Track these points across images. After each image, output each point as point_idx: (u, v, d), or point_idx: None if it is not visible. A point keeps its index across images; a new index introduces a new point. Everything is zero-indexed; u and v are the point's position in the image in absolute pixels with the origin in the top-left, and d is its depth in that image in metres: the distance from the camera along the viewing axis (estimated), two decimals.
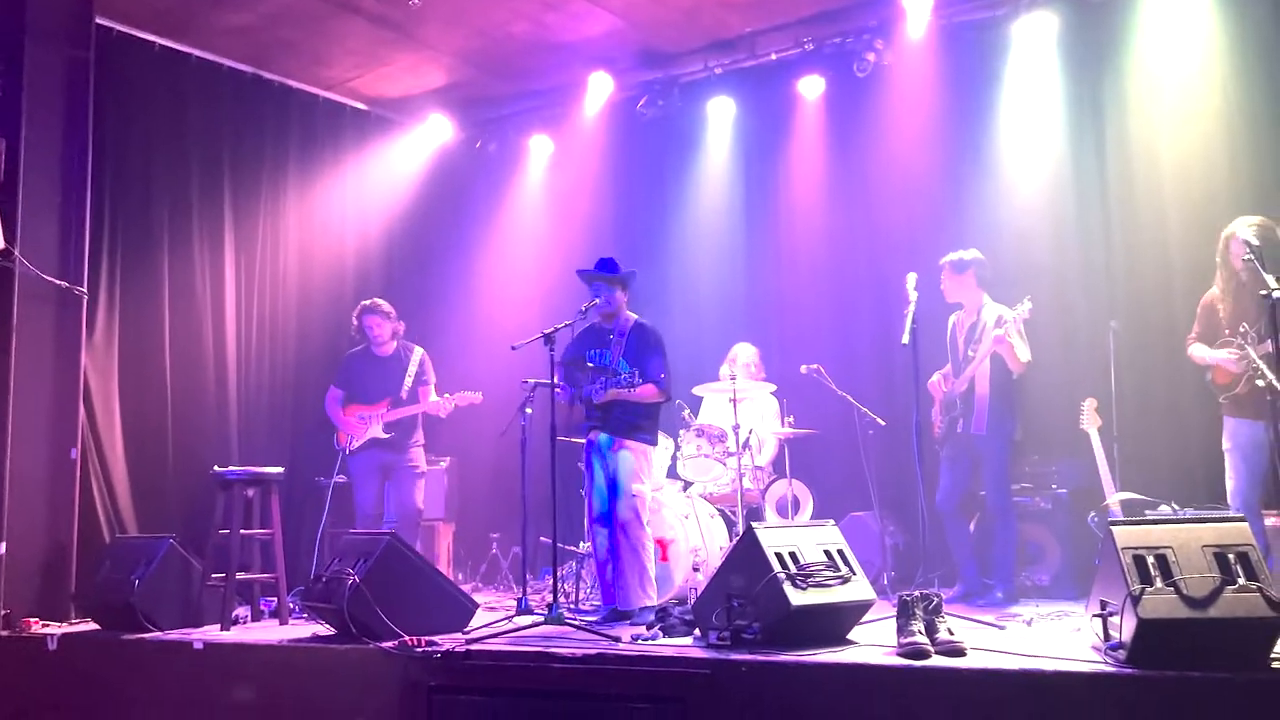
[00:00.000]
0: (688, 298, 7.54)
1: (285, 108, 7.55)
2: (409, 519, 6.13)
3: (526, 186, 8.31)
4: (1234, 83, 5.68)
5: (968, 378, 5.50)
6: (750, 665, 3.65)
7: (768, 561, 3.95)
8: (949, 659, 3.53)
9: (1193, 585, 3.22)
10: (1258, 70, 5.61)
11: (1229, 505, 4.70)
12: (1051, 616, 4.64)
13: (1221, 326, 4.75)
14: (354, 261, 7.87)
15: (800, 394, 6.54)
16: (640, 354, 5.12)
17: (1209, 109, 5.75)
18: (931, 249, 5.91)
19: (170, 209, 6.80)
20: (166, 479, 6.52)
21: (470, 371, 7.23)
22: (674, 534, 5.71)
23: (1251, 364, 4.40)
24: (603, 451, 5.14)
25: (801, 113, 7.23)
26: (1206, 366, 4.84)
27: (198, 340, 6.85)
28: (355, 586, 4.41)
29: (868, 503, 6.18)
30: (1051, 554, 5.82)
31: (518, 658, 4.05)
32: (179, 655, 4.69)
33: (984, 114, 6.54)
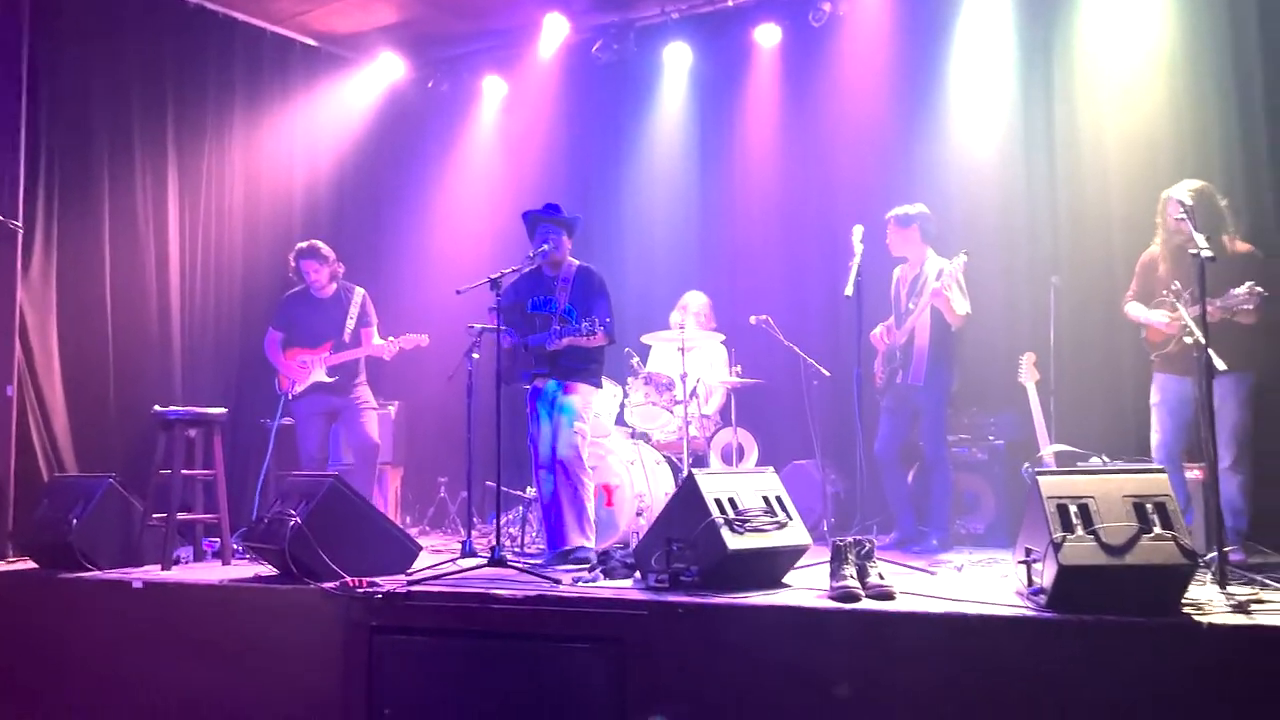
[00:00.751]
0: (640, 245, 7.54)
1: (230, 41, 7.34)
2: (368, 455, 6.07)
3: (479, 128, 8.21)
4: (1181, 47, 5.74)
5: (908, 330, 5.58)
6: (686, 606, 3.72)
7: (707, 507, 4.02)
8: (878, 602, 3.63)
9: (1111, 533, 3.32)
10: (1203, 35, 5.67)
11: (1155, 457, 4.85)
12: (982, 563, 4.78)
13: (1159, 285, 4.86)
14: (302, 200, 7.74)
15: (749, 344, 6.60)
16: (586, 298, 5.11)
17: (1156, 71, 5.81)
18: (880, 202, 5.95)
19: (110, 143, 6.61)
20: (108, 418, 6.42)
21: (421, 313, 7.19)
22: (619, 480, 5.77)
23: (1182, 322, 4.51)
24: (549, 397, 5.15)
25: (757, 61, 7.20)
26: (1141, 324, 4.96)
27: (140, 277, 6.72)
28: (297, 527, 4.41)
29: (811, 451, 6.28)
30: (987, 503, 5.97)
31: (459, 599, 4.10)
32: (118, 594, 4.67)
33: (936, 68, 6.57)
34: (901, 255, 5.75)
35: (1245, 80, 5.43)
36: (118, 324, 6.54)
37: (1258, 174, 5.32)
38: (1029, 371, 5.66)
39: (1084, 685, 3.19)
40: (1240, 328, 4.54)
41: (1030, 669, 3.26)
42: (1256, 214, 5.20)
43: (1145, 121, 5.75)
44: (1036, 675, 3.24)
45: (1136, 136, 5.78)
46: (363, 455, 6.07)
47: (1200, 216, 4.40)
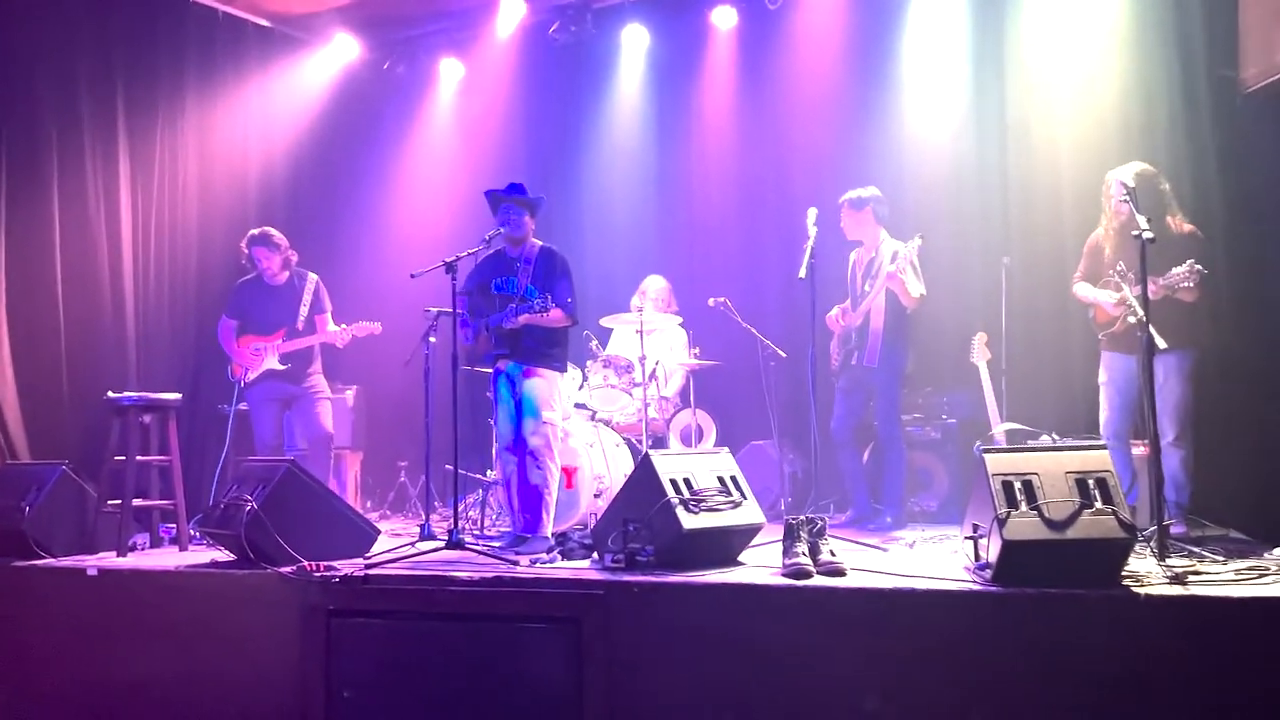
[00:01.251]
0: (599, 227, 7.55)
1: (181, 22, 7.23)
2: (320, 445, 6.05)
3: (436, 110, 8.15)
4: (1128, 30, 5.81)
5: (863, 311, 5.66)
6: (641, 586, 3.77)
7: (662, 487, 4.08)
8: (829, 579, 3.71)
9: (1054, 509, 3.41)
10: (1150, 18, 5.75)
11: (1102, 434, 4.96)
12: (934, 539, 4.88)
13: (1105, 267, 4.96)
14: (257, 183, 7.65)
15: (707, 326, 6.65)
16: (548, 278, 5.10)
17: (1105, 54, 5.88)
18: (835, 185, 6.00)
19: (59, 126, 6.49)
20: (61, 405, 6.34)
21: (378, 297, 7.15)
22: (579, 462, 5.80)
23: (1127, 302, 4.61)
24: (512, 379, 5.14)
25: (714, 43, 7.22)
26: (1089, 305, 5.06)
27: (92, 262, 6.62)
28: (253, 513, 4.40)
29: (769, 432, 6.34)
30: (940, 481, 6.08)
31: (417, 581, 4.12)
32: (72, 582, 4.64)
33: (890, 52, 6.63)
34: (856, 238, 5.81)
35: (1189, 62, 5.53)
36: (70, 310, 6.45)
37: (1203, 155, 5.42)
38: (981, 351, 5.76)
39: (1028, 656, 3.29)
40: (1182, 306, 4.64)
41: (976, 641, 3.35)
42: (1201, 195, 5.31)
43: (1094, 104, 5.84)
44: (982, 647, 3.33)
45: (1086, 119, 5.86)
46: (315, 445, 6.05)
47: (1143, 198, 4.50)
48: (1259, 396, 5.02)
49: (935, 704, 3.34)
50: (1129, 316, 4.59)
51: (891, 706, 3.38)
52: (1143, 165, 4.86)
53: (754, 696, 3.53)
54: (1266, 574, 3.55)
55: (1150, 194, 4.67)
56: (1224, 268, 5.07)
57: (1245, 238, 5.18)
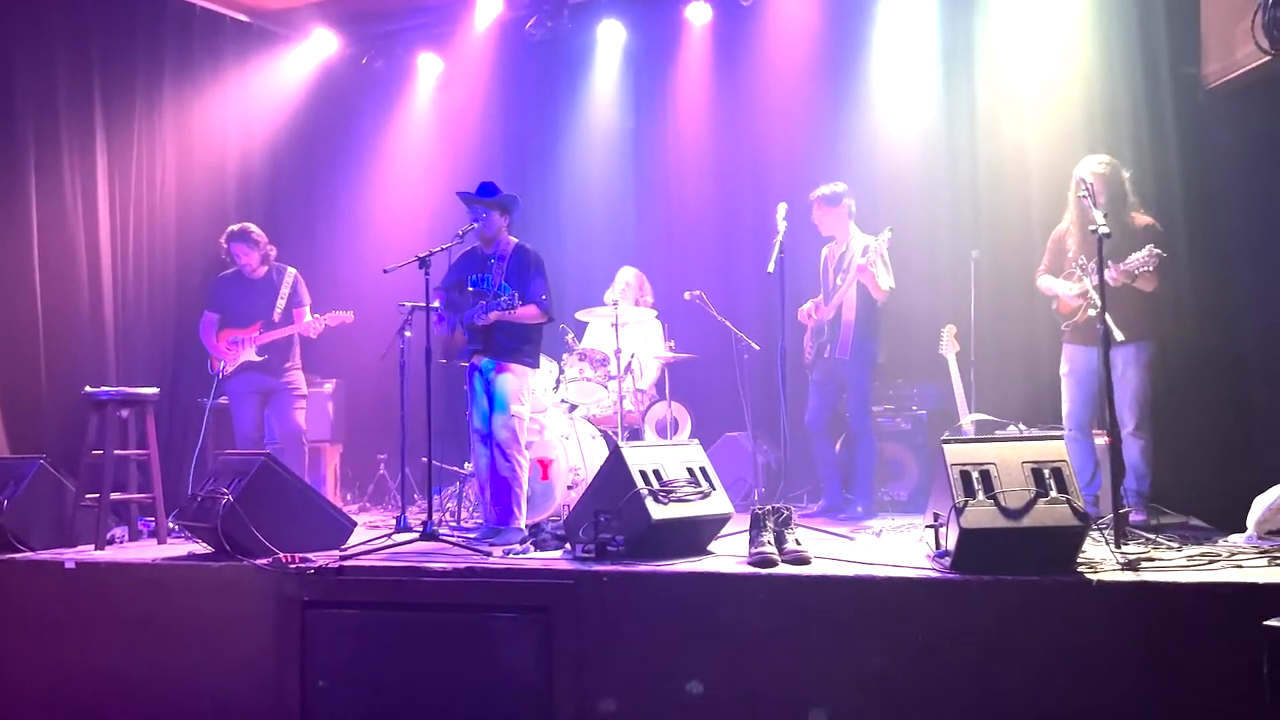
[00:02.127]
0: (576, 221, 7.61)
1: (159, 17, 7.22)
2: (293, 441, 6.13)
3: (414, 105, 8.18)
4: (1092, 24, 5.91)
5: (835, 305, 5.74)
6: (611, 575, 3.85)
7: (632, 479, 4.15)
8: (794, 567, 3.79)
9: (1010, 498, 3.51)
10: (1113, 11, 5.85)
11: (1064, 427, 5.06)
12: (901, 529, 4.97)
13: (1068, 260, 5.05)
14: (236, 178, 7.66)
15: (683, 319, 6.73)
16: (521, 276, 5.18)
17: (1070, 48, 5.97)
18: (807, 180, 6.08)
19: (36, 122, 6.48)
20: (39, 400, 6.35)
21: (356, 291, 7.19)
22: (555, 454, 5.87)
23: (1087, 294, 4.71)
24: (485, 374, 5.21)
25: (688, 39, 7.28)
26: (1052, 297, 5.16)
27: (70, 257, 6.62)
28: (229, 505, 4.46)
29: (743, 424, 6.43)
30: (910, 471, 6.18)
31: (391, 572, 4.18)
32: (50, 575, 4.68)
33: (860, 49, 6.72)
34: (829, 234, 5.89)
35: (1152, 59, 5.62)
36: (48, 305, 6.46)
37: (1165, 150, 5.52)
38: (950, 343, 5.86)
39: (986, 642, 3.38)
40: (1142, 297, 4.74)
41: (935, 627, 3.43)
42: (1163, 189, 5.41)
43: (1060, 100, 5.93)
44: (940, 633, 3.42)
45: (1052, 114, 5.96)
46: (289, 442, 6.10)
47: (1105, 192, 4.59)
48: (1219, 386, 5.14)
49: (895, 688, 3.43)
50: (1089, 308, 4.68)
51: (854, 692, 3.47)
52: (1105, 158, 4.95)
53: (720, 683, 3.62)
54: (1217, 560, 3.65)
55: (1112, 187, 4.77)
56: (1184, 260, 5.18)
57: (1205, 231, 5.29)
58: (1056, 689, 3.29)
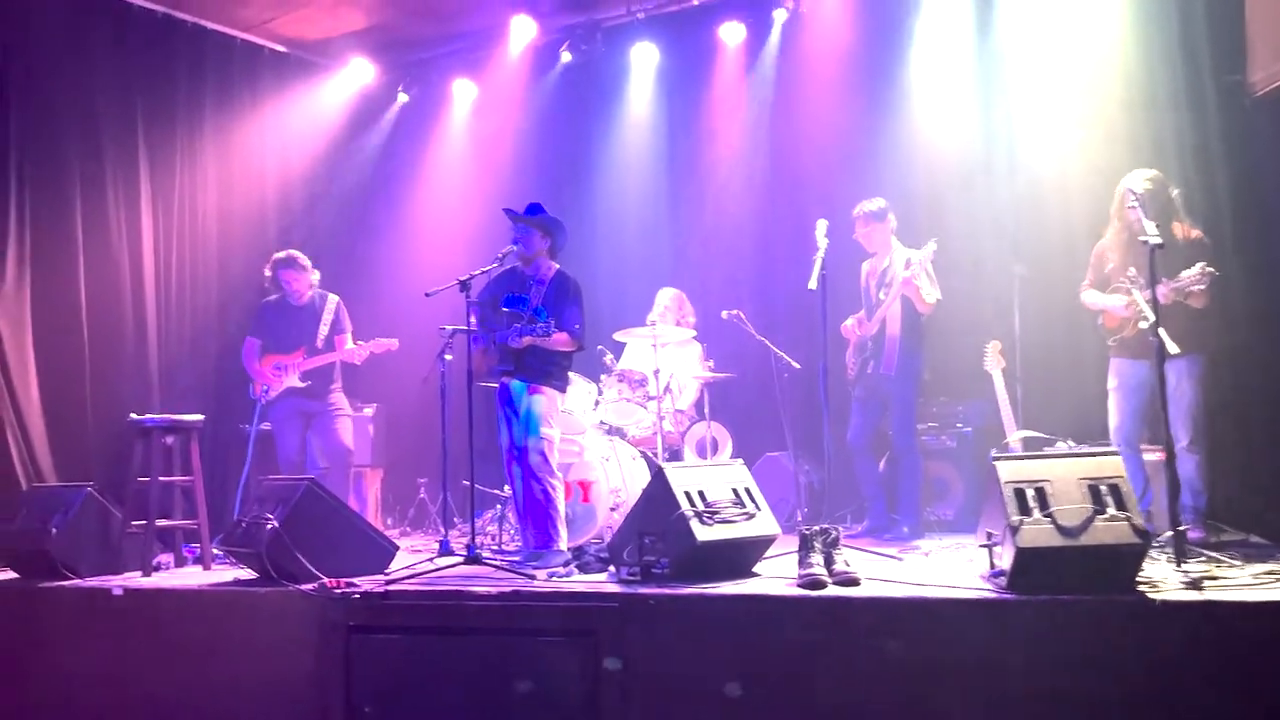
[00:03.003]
0: (612, 242, 7.60)
1: (200, 50, 7.37)
2: (340, 461, 6.14)
3: (450, 130, 8.25)
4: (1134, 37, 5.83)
5: (878, 320, 5.68)
6: (657, 598, 3.80)
7: (676, 500, 4.10)
8: (844, 589, 3.72)
9: (1066, 515, 3.42)
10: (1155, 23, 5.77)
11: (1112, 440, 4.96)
12: (950, 548, 4.88)
13: (1113, 274, 4.97)
14: (275, 206, 7.77)
15: (722, 338, 6.69)
16: (559, 302, 5.17)
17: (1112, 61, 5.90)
18: (846, 195, 6.04)
19: (81, 153, 6.62)
20: (85, 428, 6.45)
21: (396, 315, 7.23)
22: (595, 475, 5.84)
23: (1138, 308, 4.62)
24: (515, 397, 5.19)
25: (723, 59, 7.28)
26: (1098, 311, 5.07)
27: (115, 287, 6.74)
28: (274, 531, 4.46)
29: (784, 443, 6.36)
30: (956, 490, 6.08)
31: (435, 596, 4.16)
32: (98, 602, 4.70)
33: (898, 63, 6.68)
34: (873, 249, 5.84)
35: (1196, 67, 5.53)
36: (94, 334, 6.57)
37: (1211, 161, 5.42)
38: (994, 359, 5.76)
39: (1043, 663, 3.29)
40: (1192, 311, 4.65)
41: (990, 649, 3.35)
42: (1210, 200, 5.31)
43: (1102, 111, 5.84)
44: (997, 655, 3.33)
45: (1094, 127, 5.87)
46: (335, 461, 6.13)
47: (1152, 205, 4.51)
48: (1273, 399, 5.01)
49: (950, 713, 3.35)
50: (1140, 322, 4.59)
51: (908, 715, 3.39)
52: (1152, 171, 4.87)
53: (770, 707, 3.55)
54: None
55: (1159, 200, 4.69)
56: (1234, 272, 5.06)
57: (1254, 242, 5.19)
58: (1118, 711, 3.19)
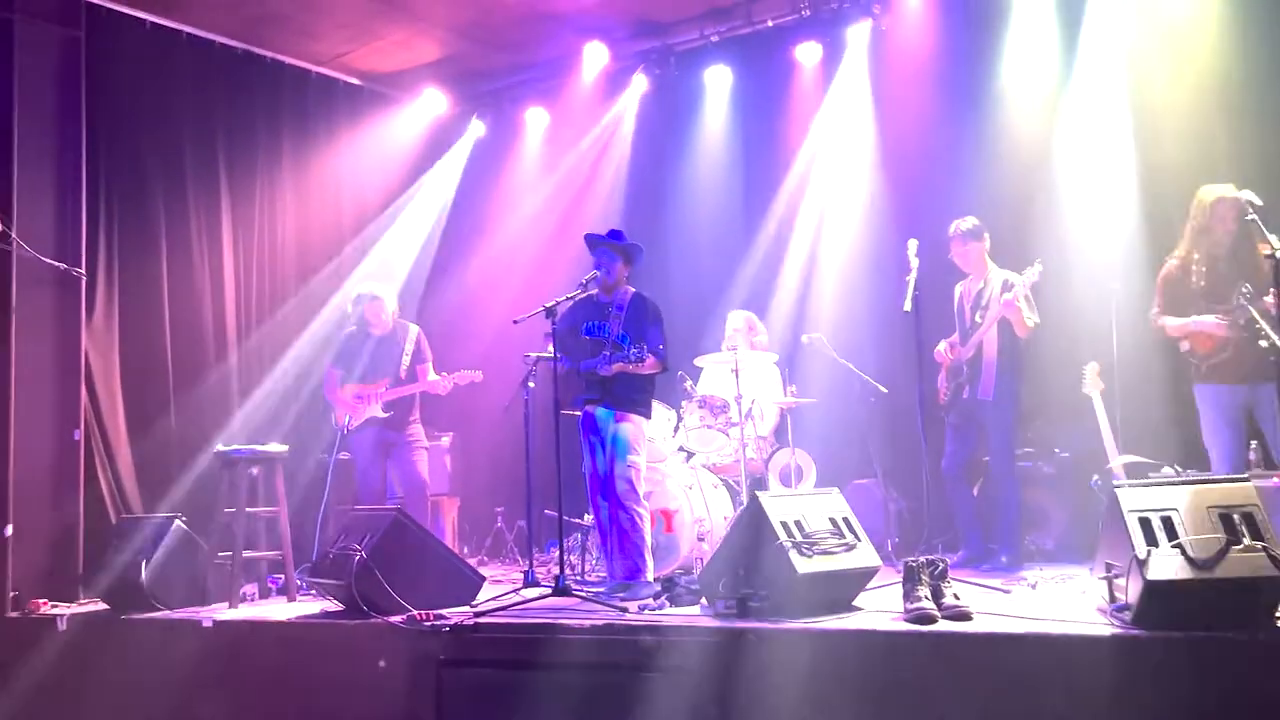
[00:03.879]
0: (688, 268, 7.51)
1: (277, 84, 7.48)
2: (417, 492, 6.14)
3: (523, 159, 8.26)
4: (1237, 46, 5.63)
5: (975, 343, 5.51)
6: (758, 633, 3.67)
7: (773, 530, 3.97)
8: (955, 624, 3.56)
9: (1198, 546, 3.23)
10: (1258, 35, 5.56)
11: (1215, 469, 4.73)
12: (1056, 580, 4.67)
13: (1194, 295, 4.74)
14: (352, 236, 7.83)
15: (801, 363, 6.55)
16: (640, 325, 5.11)
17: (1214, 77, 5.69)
18: (930, 215, 5.90)
19: (165, 187, 6.74)
20: (170, 458, 6.50)
21: (471, 346, 7.22)
22: (678, 504, 5.72)
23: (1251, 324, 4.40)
24: (601, 424, 5.12)
25: (799, 79, 7.18)
26: (1186, 335, 4.84)
27: (198, 318, 6.83)
28: (362, 562, 4.43)
29: (869, 470, 6.19)
30: (1055, 518, 5.84)
31: (526, 630, 4.09)
32: (188, 634, 4.72)
33: (984, 79, 6.49)
34: (968, 270, 5.68)
35: None
36: (178, 365, 6.65)
37: None
38: (1093, 382, 5.53)
39: (1175, 703, 3.10)
40: None
41: (1118, 688, 3.17)
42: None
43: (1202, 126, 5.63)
44: (1125, 694, 3.15)
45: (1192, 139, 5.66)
46: (412, 492, 6.12)
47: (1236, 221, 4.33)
48: None
49: None
50: (1260, 340, 4.36)
51: None
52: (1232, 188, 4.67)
53: None
54: None
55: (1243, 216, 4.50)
56: None
57: None
58: None
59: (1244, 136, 5.51)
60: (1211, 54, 5.70)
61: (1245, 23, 5.61)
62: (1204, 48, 5.73)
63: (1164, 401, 5.66)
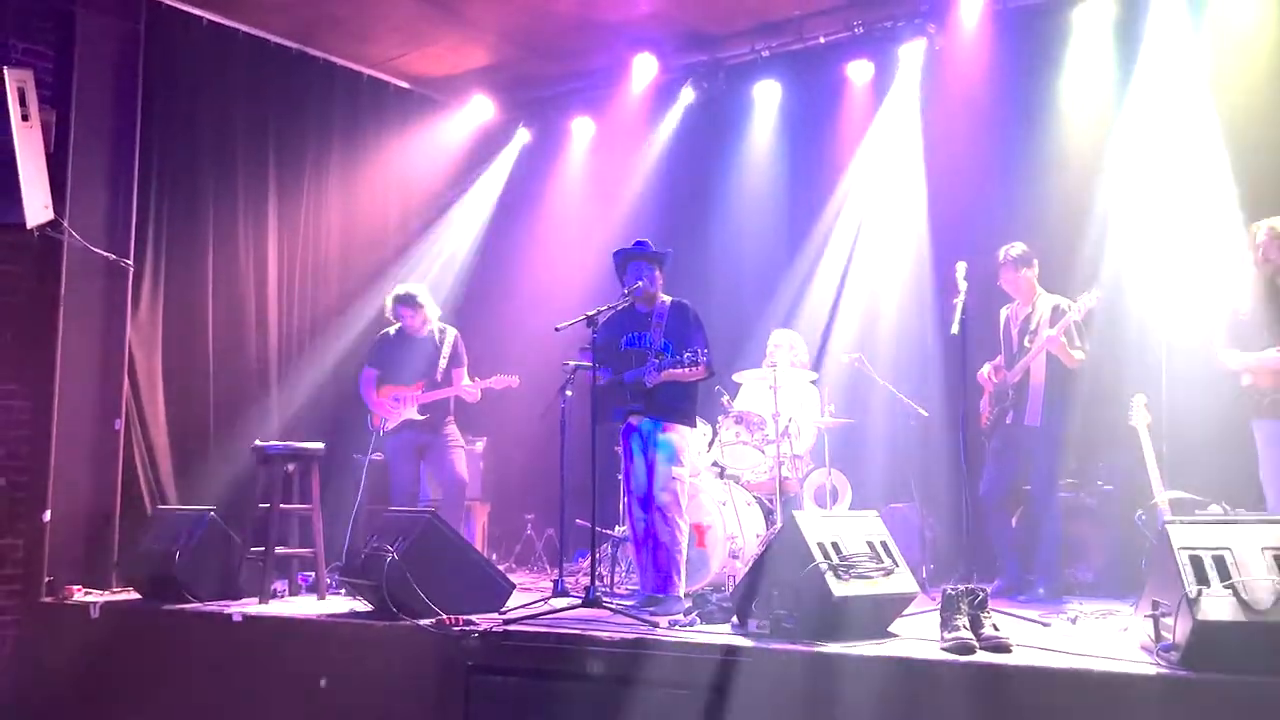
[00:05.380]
0: (729, 283, 7.47)
1: (330, 85, 7.54)
2: (455, 491, 6.13)
3: (568, 168, 8.28)
4: None
5: (1022, 368, 5.41)
6: (791, 655, 3.61)
7: (809, 551, 3.91)
8: (994, 655, 3.47)
9: (1252, 588, 3.13)
10: None
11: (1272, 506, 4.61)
12: (1097, 615, 4.56)
13: (1259, 328, 4.63)
14: (396, 238, 7.87)
15: (840, 382, 6.48)
16: (682, 332, 5.05)
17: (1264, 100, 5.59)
18: (979, 239, 5.83)
19: (215, 183, 6.81)
20: (208, 452, 6.55)
21: (510, 352, 7.21)
22: (710, 520, 5.66)
23: None
24: (645, 435, 5.07)
25: (849, 97, 7.13)
26: (1248, 370, 4.72)
27: (240, 315, 6.89)
28: (394, 564, 4.41)
29: (906, 494, 6.10)
30: (1095, 551, 5.71)
31: (555, 640, 4.05)
32: (218, 627, 4.74)
33: (1036, 102, 6.41)
34: (1017, 295, 5.59)
35: None
36: (219, 360, 6.70)
37: None
38: (1140, 414, 5.40)
39: None
40: None
41: None
42: None
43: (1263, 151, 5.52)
44: None
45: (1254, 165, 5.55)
46: (450, 492, 6.11)
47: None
48: None
49: None
50: None
51: None
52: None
53: None
54: None
55: None
56: None
57: None
58: None
59: None
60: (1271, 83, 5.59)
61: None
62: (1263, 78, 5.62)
63: (1212, 437, 5.51)
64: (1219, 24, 5.84)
